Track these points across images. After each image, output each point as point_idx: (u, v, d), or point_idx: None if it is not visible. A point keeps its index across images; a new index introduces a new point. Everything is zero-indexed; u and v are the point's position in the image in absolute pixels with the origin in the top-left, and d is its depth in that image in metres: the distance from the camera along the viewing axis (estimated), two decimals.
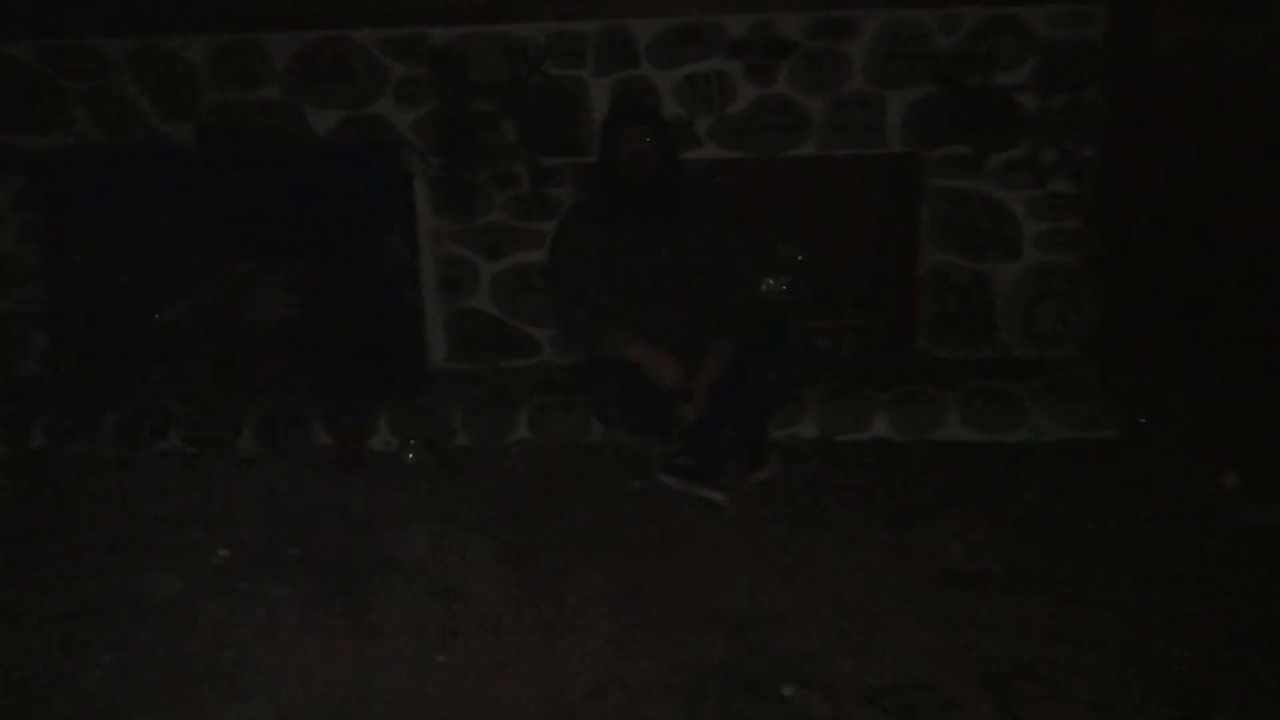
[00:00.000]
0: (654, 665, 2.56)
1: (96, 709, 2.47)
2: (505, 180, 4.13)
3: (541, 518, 3.34)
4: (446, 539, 3.22)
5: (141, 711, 2.45)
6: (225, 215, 4.07)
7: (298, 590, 2.94)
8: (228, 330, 4.19)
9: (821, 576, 2.93)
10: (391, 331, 4.13)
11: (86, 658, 2.65)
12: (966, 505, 3.32)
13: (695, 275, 3.52)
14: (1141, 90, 4.01)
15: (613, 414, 3.62)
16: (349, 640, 2.70)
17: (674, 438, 3.49)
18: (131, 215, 4.12)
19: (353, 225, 4.01)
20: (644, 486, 3.51)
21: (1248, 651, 2.54)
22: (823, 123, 4.00)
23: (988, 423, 3.78)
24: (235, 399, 4.00)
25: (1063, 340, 4.16)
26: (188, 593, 2.95)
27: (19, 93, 4.15)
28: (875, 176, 4.31)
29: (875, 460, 3.67)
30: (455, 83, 4.03)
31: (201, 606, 2.88)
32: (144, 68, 4.10)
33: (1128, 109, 4.00)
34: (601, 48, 3.97)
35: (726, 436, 3.43)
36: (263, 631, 2.76)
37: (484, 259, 4.22)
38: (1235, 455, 3.52)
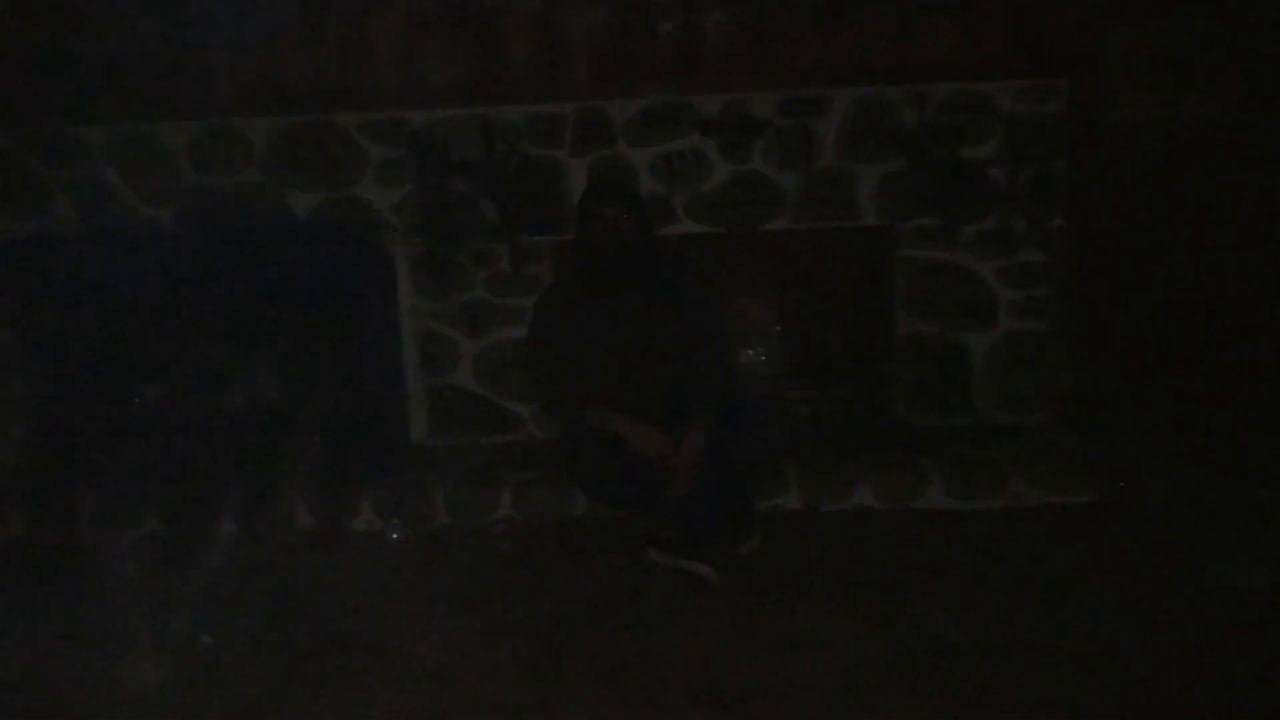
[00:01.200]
0: None
1: None
2: (485, 258, 4.17)
3: (528, 595, 3.32)
4: (433, 619, 3.19)
5: None
6: (206, 297, 4.07)
7: (284, 676, 2.90)
8: (208, 412, 4.18)
9: (810, 648, 2.92)
10: (373, 409, 4.12)
11: None
12: (951, 574, 3.33)
13: (673, 349, 3.56)
14: (1104, 161, 4.12)
15: (597, 488, 3.63)
16: None
17: (659, 512, 3.50)
18: (111, 299, 4.12)
19: (334, 305, 4.03)
20: (630, 561, 3.50)
21: (1241, 717, 2.55)
22: (796, 197, 4.08)
23: (969, 490, 3.80)
24: (216, 481, 3.97)
25: (1039, 406, 4.22)
26: (172, 681, 2.90)
27: None
28: (849, 248, 4.38)
29: (859, 530, 3.68)
30: (434, 164, 4.09)
31: (186, 694, 2.83)
32: (124, 153, 4.13)
33: (1092, 179, 4.11)
34: (578, 128, 4.05)
35: (711, 510, 3.44)
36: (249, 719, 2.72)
37: (465, 336, 4.24)
38: (1215, 515, 3.57)
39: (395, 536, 3.73)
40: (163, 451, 4.12)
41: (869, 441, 4.06)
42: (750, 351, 4.28)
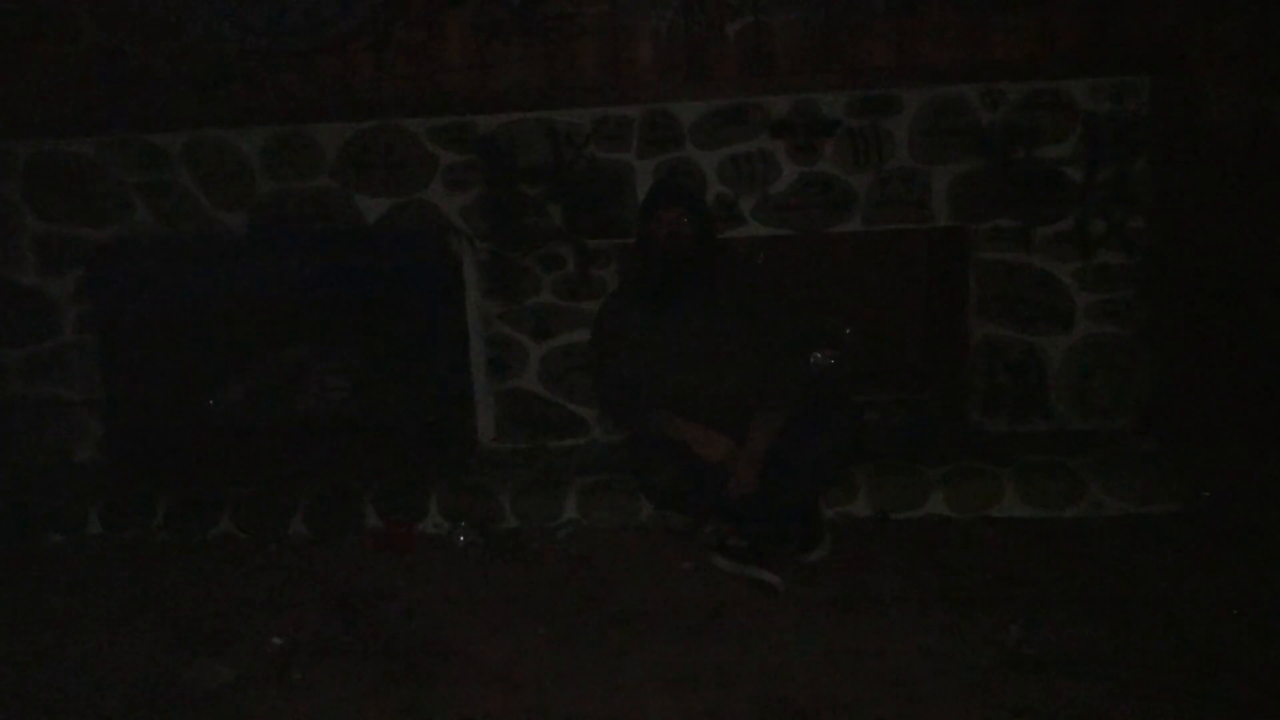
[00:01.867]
0: None
1: None
2: (552, 262, 4.17)
3: (593, 601, 3.31)
4: (498, 624, 3.19)
5: None
6: (277, 302, 4.13)
7: (351, 678, 2.93)
8: (280, 415, 4.24)
9: (880, 660, 2.87)
10: (441, 413, 4.14)
11: None
12: (1025, 585, 3.25)
13: (738, 352, 3.52)
14: (1189, 160, 3.99)
15: (662, 493, 3.60)
16: None
17: (725, 518, 3.46)
18: (186, 303, 4.19)
19: (403, 309, 4.06)
20: (696, 568, 3.47)
21: None
22: (867, 198, 4.02)
23: (1045, 499, 3.71)
24: (287, 483, 4.02)
25: (1119, 412, 4.10)
26: (242, 682, 2.94)
27: (79, 186, 4.27)
28: (922, 250, 4.31)
29: (930, 539, 3.61)
30: (502, 168, 4.10)
31: (256, 696, 2.87)
32: (199, 160, 4.20)
33: (1175, 179, 3.98)
34: (645, 131, 4.03)
35: (779, 516, 3.40)
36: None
37: (531, 340, 4.24)
38: None
39: (462, 539, 3.74)
40: (236, 453, 4.18)
41: (941, 448, 3.98)
42: (819, 355, 4.22)
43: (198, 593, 3.51)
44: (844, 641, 2.98)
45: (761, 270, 3.88)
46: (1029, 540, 3.55)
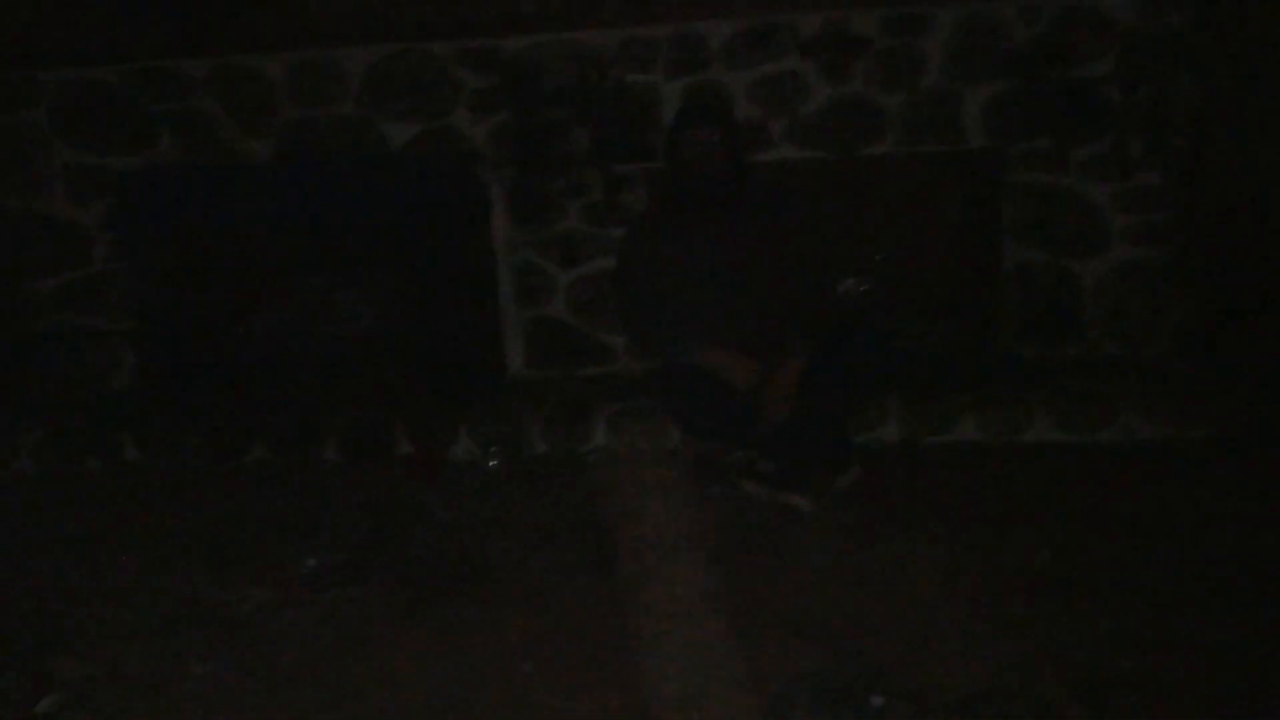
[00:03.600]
0: (740, 675, 2.52)
1: (189, 717, 2.51)
2: (579, 188, 4.14)
3: (621, 525, 3.32)
4: (529, 547, 3.22)
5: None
6: (305, 229, 4.12)
7: (384, 600, 2.96)
8: (310, 342, 4.26)
9: (908, 583, 2.87)
10: (470, 341, 4.15)
11: (178, 668, 2.69)
12: (1056, 509, 3.23)
13: (767, 277, 3.48)
14: (1233, 77, 3.88)
15: (691, 420, 3.59)
16: (435, 649, 2.71)
17: (754, 443, 3.46)
18: (214, 232, 4.20)
19: (429, 237, 4.05)
20: (724, 493, 3.48)
21: None
22: (899, 120, 3.95)
23: (1077, 423, 3.68)
24: (319, 410, 4.06)
25: (1153, 337, 4.04)
26: (276, 603, 2.98)
27: (105, 115, 4.26)
28: (954, 173, 4.23)
29: (960, 464, 3.59)
30: (527, 92, 4.05)
31: (290, 617, 2.91)
32: (224, 87, 4.18)
33: (1219, 97, 3.87)
34: (673, 52, 3.96)
35: (808, 441, 3.39)
36: (350, 641, 2.77)
37: (559, 267, 4.22)
38: None
39: (492, 465, 3.77)
40: (268, 380, 4.21)
41: (973, 373, 3.95)
42: (849, 280, 4.17)
43: (232, 517, 3.56)
44: (871, 565, 2.98)
45: (793, 193, 3.81)
46: (1061, 465, 3.53)
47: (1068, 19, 3.80)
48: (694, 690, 2.48)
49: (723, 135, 3.44)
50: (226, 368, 4.25)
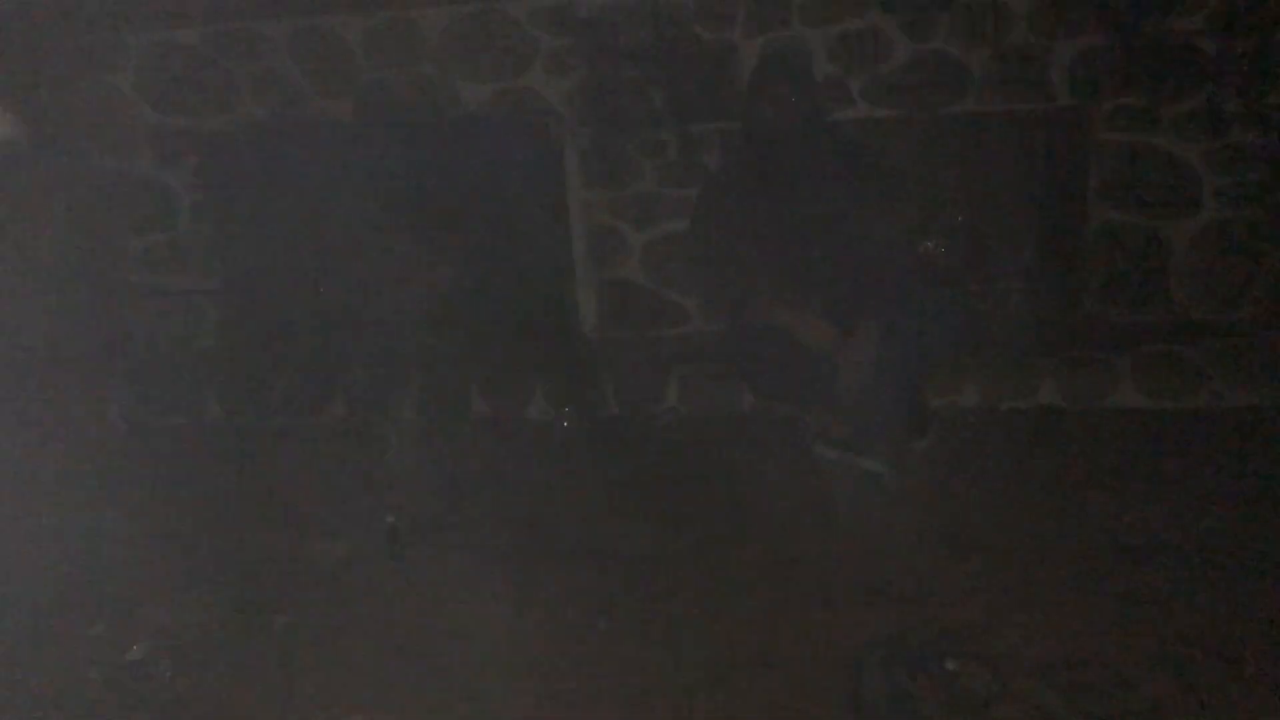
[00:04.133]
0: (815, 637, 2.52)
1: (272, 665, 2.57)
2: (654, 148, 4.11)
3: (695, 487, 3.33)
4: (602, 508, 3.24)
5: (314, 672, 2.54)
6: (383, 190, 4.16)
7: (461, 556, 3.01)
8: (387, 302, 4.31)
9: (985, 548, 2.84)
10: (544, 301, 4.17)
11: (261, 620, 2.76)
12: (1140, 475, 3.16)
13: (846, 238, 3.43)
14: None
15: (765, 382, 3.56)
16: (511, 605, 2.74)
17: (830, 406, 3.42)
18: (295, 192, 4.26)
19: (505, 198, 4.06)
20: (799, 456, 3.45)
21: None
22: (983, 77, 3.85)
23: (1163, 389, 3.59)
24: (396, 369, 4.11)
25: (1244, 301, 3.91)
26: (356, 557, 3.05)
27: (189, 77, 4.32)
28: (1040, 132, 4.11)
29: (1042, 429, 3.53)
30: (603, 51, 4.02)
31: (369, 573, 2.97)
32: (303, 48, 4.22)
33: None
34: (752, 8, 3.90)
35: (884, 404, 3.34)
36: (428, 596, 2.83)
37: (634, 228, 4.21)
38: None
39: (566, 425, 3.79)
40: (347, 340, 4.27)
41: (1056, 337, 3.86)
42: (930, 242, 4.10)
43: (311, 474, 3.63)
44: (948, 528, 2.95)
45: (873, 152, 3.74)
46: (1146, 431, 3.45)
47: None
48: (769, 652, 2.48)
49: (802, 92, 3.38)
50: (306, 327, 4.32)
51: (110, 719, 2.45)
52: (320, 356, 4.23)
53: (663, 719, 2.30)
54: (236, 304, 4.42)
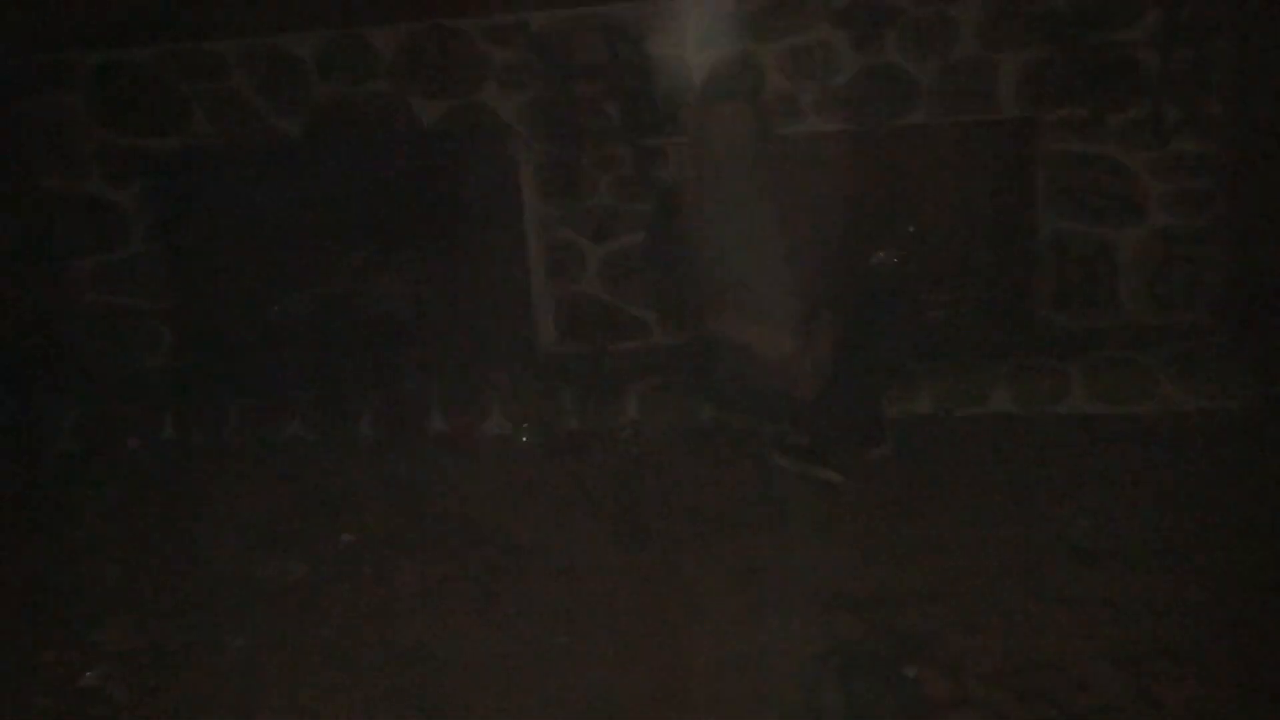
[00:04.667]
0: (773, 645, 2.53)
1: (228, 689, 2.55)
2: (608, 162, 4.12)
3: (655, 499, 3.33)
4: (562, 521, 3.24)
5: (272, 692, 2.52)
6: (337, 207, 4.15)
7: (419, 573, 2.99)
8: (343, 319, 4.29)
9: (942, 555, 2.86)
10: (502, 316, 4.17)
11: (218, 640, 2.74)
12: (1093, 480, 3.21)
13: (799, 250, 3.46)
14: (1274, 41, 3.79)
15: (723, 394, 3.59)
16: (470, 622, 2.74)
17: (786, 417, 3.45)
18: (249, 211, 4.23)
19: (460, 213, 4.06)
20: (757, 467, 3.47)
21: None
22: (932, 90, 3.90)
23: (1114, 394, 3.64)
24: (353, 386, 4.09)
25: (1191, 306, 3.98)
26: (314, 577, 3.02)
27: (140, 96, 4.28)
28: (989, 143, 4.17)
29: (995, 435, 3.57)
30: (556, 67, 4.03)
31: (327, 590, 2.95)
32: (255, 66, 4.20)
33: (1259, 62, 3.79)
34: (701, 23, 3.93)
35: (840, 414, 3.37)
36: (387, 614, 2.81)
37: (590, 242, 4.22)
38: None
39: (524, 440, 3.79)
40: (304, 358, 4.25)
41: (1008, 344, 3.91)
42: (882, 253, 4.14)
43: (268, 493, 3.60)
44: (905, 536, 2.97)
45: (824, 166, 3.79)
46: (1097, 436, 3.50)
47: None
48: (728, 662, 2.49)
49: (749, 111, 3.41)
50: (262, 345, 4.29)
51: None
52: (275, 375, 4.20)
53: None
54: (190, 323, 4.37)
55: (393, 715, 2.40)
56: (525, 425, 3.85)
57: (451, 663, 2.57)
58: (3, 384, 4.16)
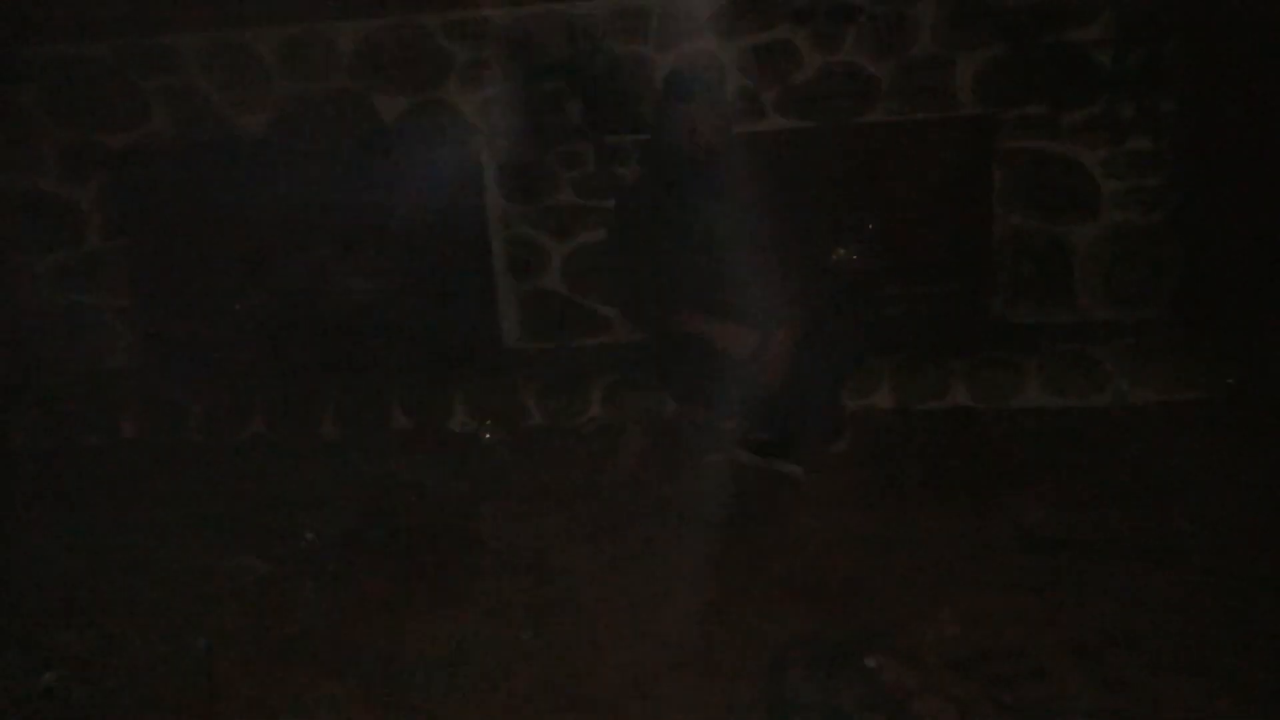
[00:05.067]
0: (736, 638, 2.56)
1: (192, 691, 2.53)
2: (571, 160, 4.13)
3: (618, 495, 3.35)
4: (526, 517, 3.25)
5: (236, 692, 2.51)
6: (299, 204, 4.13)
7: (383, 570, 2.99)
8: (305, 317, 4.27)
9: (902, 547, 2.90)
10: (464, 313, 4.17)
11: (181, 641, 2.72)
12: (1050, 472, 3.26)
13: (760, 246, 3.48)
14: (1223, 40, 3.87)
15: (685, 389, 3.61)
16: (435, 619, 2.74)
17: (748, 412, 3.47)
18: (210, 208, 4.20)
19: (422, 211, 4.05)
20: (719, 461, 3.50)
21: None
22: (891, 87, 3.94)
23: (1070, 388, 3.70)
24: (315, 383, 4.07)
25: (1146, 301, 4.06)
26: (277, 575, 3.01)
27: (98, 91, 4.24)
28: (946, 140, 4.22)
29: (953, 429, 3.62)
30: (519, 64, 4.04)
31: (291, 588, 2.94)
32: (216, 62, 4.16)
33: (1210, 61, 3.86)
34: (663, 22, 3.95)
35: (800, 409, 3.40)
36: (351, 612, 2.81)
37: (553, 239, 4.23)
38: None
39: (488, 437, 3.79)
40: (265, 355, 4.23)
41: (965, 339, 3.96)
42: (842, 249, 4.18)
43: (230, 491, 3.58)
44: (865, 529, 3.01)
45: (783, 163, 3.81)
46: (1053, 430, 3.55)
47: None
48: (692, 654, 2.51)
49: (710, 109, 3.43)
50: (222, 343, 4.27)
51: None
52: (237, 372, 4.18)
53: None
54: (150, 321, 4.34)
55: (358, 714, 2.40)
56: (488, 422, 3.86)
57: (418, 661, 2.57)
58: None
